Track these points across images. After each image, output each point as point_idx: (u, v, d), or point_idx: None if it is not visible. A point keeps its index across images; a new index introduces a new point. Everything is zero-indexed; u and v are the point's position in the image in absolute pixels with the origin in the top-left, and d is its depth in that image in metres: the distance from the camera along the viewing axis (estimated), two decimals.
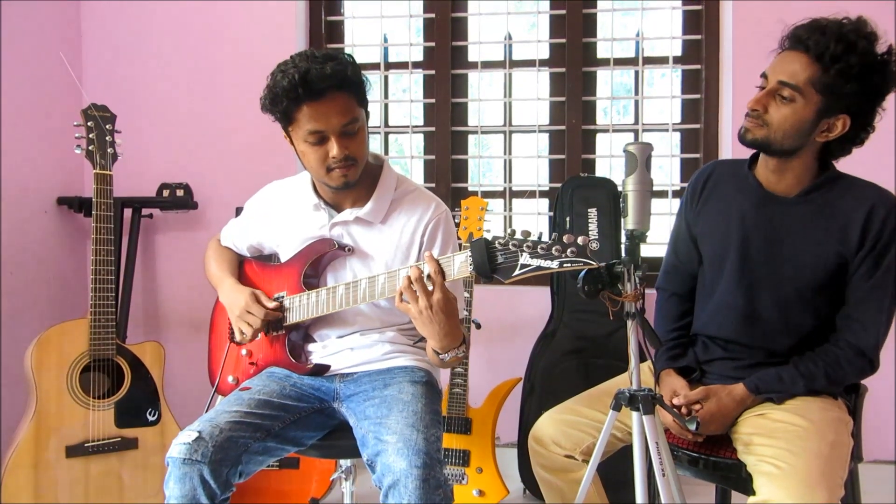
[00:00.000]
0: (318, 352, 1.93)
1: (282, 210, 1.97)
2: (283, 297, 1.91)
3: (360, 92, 1.76)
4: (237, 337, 1.95)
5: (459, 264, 1.56)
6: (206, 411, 1.91)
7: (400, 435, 1.58)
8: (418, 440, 1.56)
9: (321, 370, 1.88)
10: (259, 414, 1.71)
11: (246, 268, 2.06)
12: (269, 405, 1.75)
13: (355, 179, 1.79)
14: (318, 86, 1.67)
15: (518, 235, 1.46)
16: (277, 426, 1.74)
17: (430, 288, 1.58)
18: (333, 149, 1.72)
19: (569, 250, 1.40)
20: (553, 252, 1.41)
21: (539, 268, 1.43)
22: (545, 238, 1.44)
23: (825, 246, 1.67)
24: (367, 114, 1.82)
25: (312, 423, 1.84)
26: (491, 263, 1.48)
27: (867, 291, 1.66)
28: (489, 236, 1.51)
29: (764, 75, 1.67)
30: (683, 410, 1.70)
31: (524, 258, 1.44)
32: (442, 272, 1.57)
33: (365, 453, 1.64)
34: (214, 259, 2.08)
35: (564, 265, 1.41)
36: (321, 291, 1.82)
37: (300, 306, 1.86)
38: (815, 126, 1.63)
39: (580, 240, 1.40)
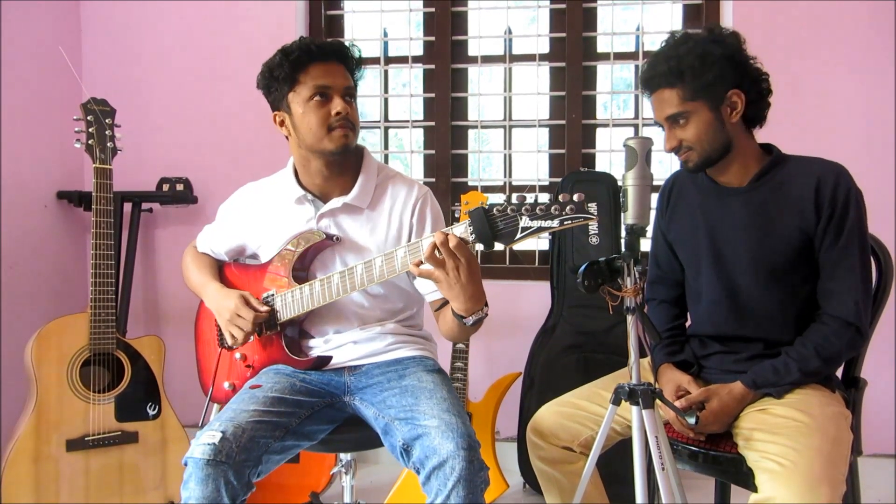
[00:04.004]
0: (320, 346, 1.91)
1: (262, 210, 1.95)
2: (272, 295, 1.88)
3: (354, 72, 1.87)
4: (228, 342, 1.91)
5: (460, 235, 1.54)
6: (203, 422, 1.89)
7: (440, 419, 1.58)
8: (458, 424, 1.57)
9: (323, 362, 1.87)
10: (276, 412, 1.70)
11: (227, 272, 2.03)
12: (284, 402, 1.74)
13: (352, 145, 1.83)
14: (326, 49, 1.81)
15: (515, 201, 1.45)
16: (294, 423, 1.73)
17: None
18: (338, 105, 1.78)
19: (567, 208, 1.40)
20: (552, 212, 1.41)
21: (540, 228, 1.43)
22: (542, 200, 1.44)
23: (786, 225, 1.72)
24: None
25: (325, 418, 1.83)
26: (492, 230, 1.48)
27: (835, 260, 1.69)
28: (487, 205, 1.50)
29: (657, 123, 1.81)
30: (685, 407, 1.71)
31: (524, 221, 1.44)
32: (465, 240, 1.54)
33: (398, 440, 1.63)
34: (194, 265, 2.04)
35: (565, 222, 1.40)
36: (314, 283, 1.79)
37: (293, 302, 1.83)
38: (721, 118, 1.73)
39: (576, 196, 1.40)
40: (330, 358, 1.87)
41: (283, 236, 1.89)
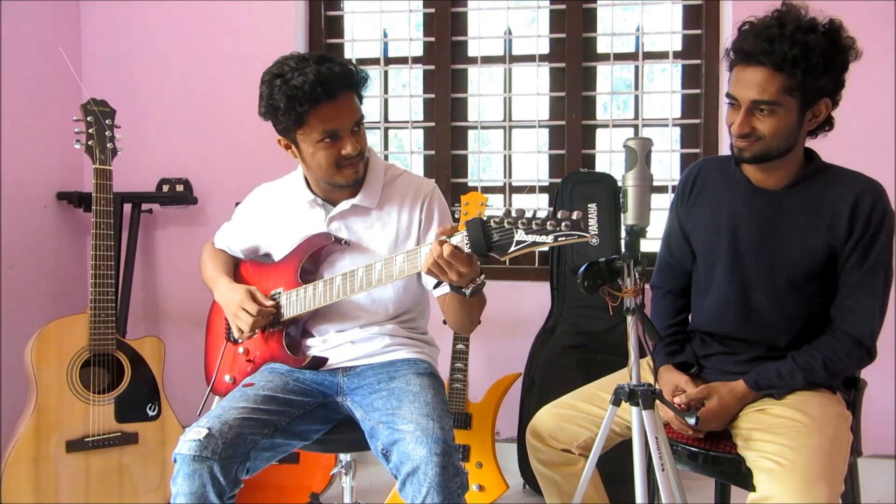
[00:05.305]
0: (318, 346, 1.93)
1: (275, 211, 1.99)
2: (279, 293, 1.91)
3: (361, 91, 1.81)
4: (234, 334, 1.96)
5: (456, 244, 1.54)
6: (201, 412, 1.91)
7: (416, 424, 1.59)
8: (435, 429, 1.57)
9: (319, 363, 1.88)
10: (265, 409, 1.72)
11: (241, 269, 2.07)
12: (275, 400, 1.76)
13: (362, 173, 1.84)
14: (334, 86, 1.70)
15: (513, 214, 1.45)
16: (284, 421, 1.74)
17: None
18: (347, 146, 1.75)
19: (563, 224, 1.39)
20: (548, 227, 1.40)
21: (535, 243, 1.42)
22: (540, 214, 1.43)
23: (814, 237, 1.69)
24: None
25: (318, 418, 1.84)
26: (487, 242, 1.47)
27: (859, 280, 1.67)
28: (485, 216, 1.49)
29: (730, 95, 1.67)
30: (683, 405, 1.71)
31: (519, 235, 1.43)
32: (460, 249, 1.53)
33: (378, 443, 1.65)
34: (209, 261, 2.09)
35: (559, 238, 1.40)
36: (318, 284, 1.82)
37: (297, 300, 1.87)
38: (801, 121, 1.65)
39: (574, 214, 1.39)
40: (326, 359, 1.89)
41: (294, 237, 1.92)
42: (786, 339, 1.75)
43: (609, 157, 3.05)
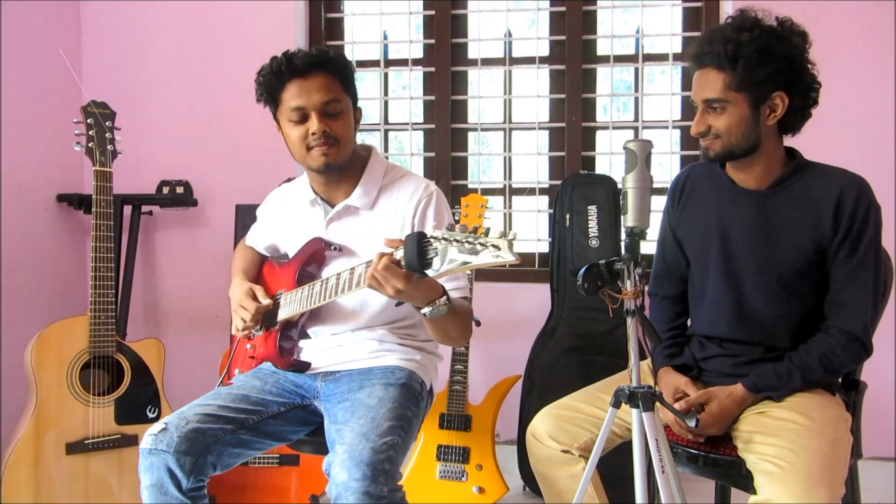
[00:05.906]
0: (309, 348, 1.94)
1: (285, 212, 2.01)
2: (280, 294, 1.93)
3: (345, 77, 1.81)
4: (233, 330, 1.98)
5: (396, 259, 1.53)
6: None
7: (348, 445, 1.55)
8: (364, 451, 1.53)
9: (302, 367, 1.89)
10: (234, 408, 1.74)
11: (264, 267, 2.10)
12: (247, 400, 1.78)
13: (337, 161, 1.80)
14: (301, 63, 1.75)
15: (455, 230, 1.42)
16: (252, 420, 1.76)
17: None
18: (313, 125, 1.76)
19: (490, 244, 1.37)
20: (477, 247, 1.39)
21: (464, 263, 1.41)
22: (477, 234, 1.41)
23: (801, 234, 1.70)
24: (358, 109, 1.87)
25: (295, 419, 1.85)
26: (422, 259, 1.46)
27: (849, 274, 1.67)
28: (428, 232, 1.48)
29: (692, 101, 1.75)
30: (683, 410, 1.70)
31: (452, 253, 1.41)
32: (397, 262, 1.52)
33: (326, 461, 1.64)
34: (236, 257, 2.14)
35: (486, 259, 1.38)
36: (304, 288, 1.84)
37: (290, 303, 1.88)
38: (757, 116, 1.68)
39: (510, 234, 1.37)
40: (308, 364, 1.90)
41: (299, 238, 1.93)
42: (783, 338, 1.75)
43: (609, 158, 3.05)
